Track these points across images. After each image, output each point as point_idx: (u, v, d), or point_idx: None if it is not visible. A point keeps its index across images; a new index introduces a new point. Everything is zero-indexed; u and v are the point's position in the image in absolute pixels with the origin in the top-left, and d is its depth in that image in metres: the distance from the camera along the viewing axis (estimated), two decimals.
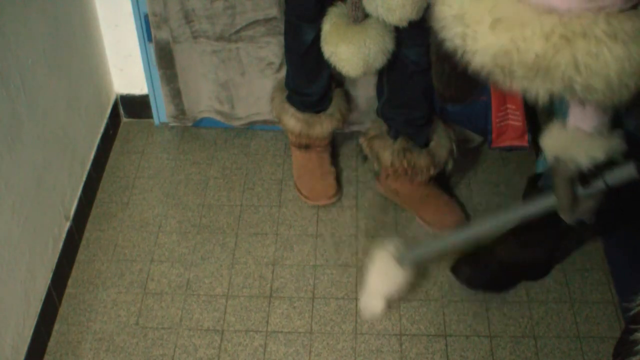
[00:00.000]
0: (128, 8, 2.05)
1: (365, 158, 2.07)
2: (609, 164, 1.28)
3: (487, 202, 2.04)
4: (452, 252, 1.74)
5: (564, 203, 1.32)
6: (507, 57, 0.90)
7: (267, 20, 1.99)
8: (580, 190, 1.30)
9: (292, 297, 1.83)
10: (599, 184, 1.29)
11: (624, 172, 1.27)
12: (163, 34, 2.05)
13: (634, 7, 0.91)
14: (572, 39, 0.87)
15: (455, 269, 1.84)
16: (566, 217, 1.35)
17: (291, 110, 2.00)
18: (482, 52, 0.92)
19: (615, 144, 1.26)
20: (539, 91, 0.92)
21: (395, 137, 1.94)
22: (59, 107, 1.86)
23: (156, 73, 2.15)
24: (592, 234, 1.78)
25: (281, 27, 1.95)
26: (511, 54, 0.90)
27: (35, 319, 1.69)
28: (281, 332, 1.76)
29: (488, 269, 1.81)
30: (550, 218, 1.66)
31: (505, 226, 1.54)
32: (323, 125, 2.01)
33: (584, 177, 1.30)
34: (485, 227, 1.47)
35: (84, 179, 2.02)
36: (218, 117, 2.24)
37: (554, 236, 1.73)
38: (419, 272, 1.87)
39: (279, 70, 2.09)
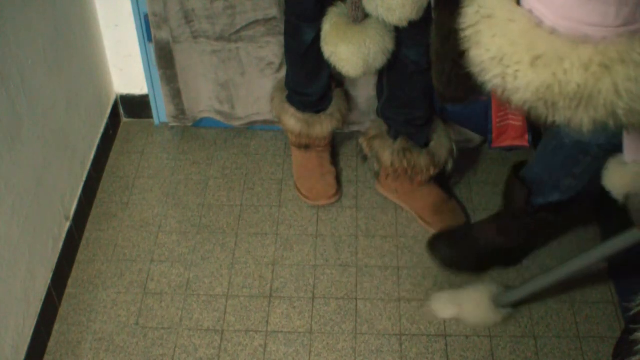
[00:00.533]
0: (128, 8, 2.05)
1: (365, 158, 2.07)
2: None
3: (487, 202, 2.04)
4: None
5: None
6: (549, 91, 0.92)
7: (267, 20, 1.99)
8: None
9: (292, 297, 1.83)
10: None
11: None
12: (163, 34, 2.05)
13: None
14: (610, 66, 0.89)
15: (431, 246, 1.89)
16: None
17: (291, 110, 2.00)
18: (524, 89, 0.94)
19: None
20: (583, 120, 0.94)
21: (395, 137, 1.94)
22: (59, 107, 1.86)
23: (156, 73, 2.15)
24: (570, 223, 1.84)
25: (281, 27, 1.95)
26: (553, 87, 0.91)
27: (35, 319, 1.69)
28: (281, 332, 1.76)
29: (464, 250, 1.85)
30: (530, 208, 1.70)
31: (595, 263, 1.59)
32: (323, 125, 2.01)
33: None
34: (576, 266, 1.55)
35: (84, 179, 2.02)
36: (218, 117, 2.24)
37: (531, 225, 1.76)
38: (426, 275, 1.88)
39: (279, 70, 2.09)
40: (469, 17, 1.00)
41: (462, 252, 1.85)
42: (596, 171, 1.45)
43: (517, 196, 1.73)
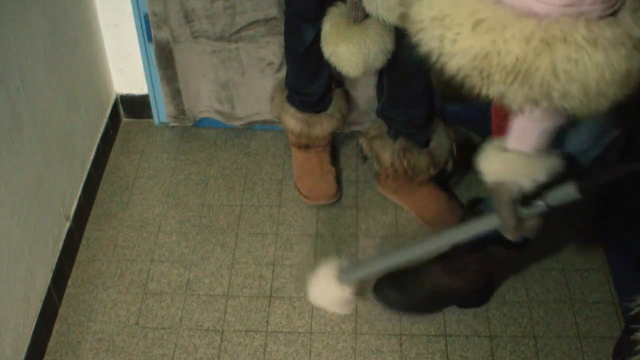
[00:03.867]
0: (128, 8, 2.05)
1: (365, 158, 2.07)
2: (550, 183, 1.27)
3: (487, 202, 2.03)
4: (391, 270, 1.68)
5: (507, 224, 1.30)
6: (487, 59, 0.89)
7: (267, 20, 1.99)
8: (523, 211, 1.29)
9: (292, 297, 1.83)
10: (540, 205, 1.28)
11: (564, 192, 1.26)
12: (163, 34, 2.05)
13: (613, 14, 0.89)
14: (552, 43, 0.86)
15: (378, 290, 1.78)
16: (510, 237, 1.33)
17: (291, 110, 2.00)
18: (461, 54, 0.91)
19: (555, 164, 1.25)
20: (517, 97, 0.91)
21: (395, 137, 1.94)
22: (59, 107, 1.86)
23: (156, 73, 2.15)
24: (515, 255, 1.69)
25: (281, 27, 1.95)
26: (491, 56, 0.89)
27: (35, 319, 1.69)
28: (281, 332, 1.76)
29: (412, 294, 1.75)
30: (470, 245, 1.57)
31: (447, 246, 1.50)
32: (323, 125, 2.01)
33: (526, 197, 1.28)
34: (426, 247, 1.43)
35: (84, 179, 2.02)
36: (218, 117, 2.24)
37: (476, 264, 1.67)
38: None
39: (279, 70, 2.09)
40: None
41: (410, 295, 1.76)
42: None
43: None
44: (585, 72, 0.87)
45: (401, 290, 1.76)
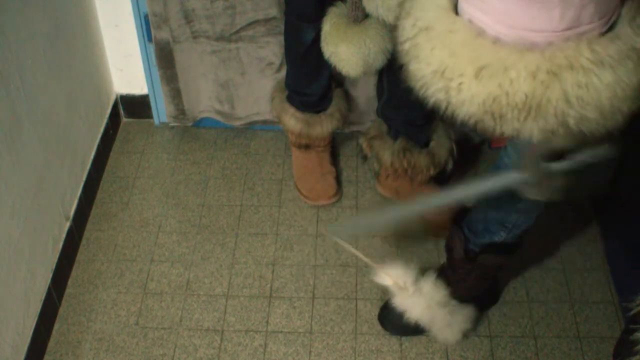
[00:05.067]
0: (128, 8, 2.05)
1: (365, 158, 2.06)
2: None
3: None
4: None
5: (534, 179, 1.22)
6: (496, 102, 0.88)
7: (267, 20, 1.99)
8: (550, 166, 1.21)
9: (292, 297, 1.83)
10: (572, 161, 1.24)
11: (598, 151, 1.22)
12: (163, 34, 2.05)
13: (611, 28, 0.88)
14: (559, 73, 0.85)
15: (383, 320, 1.76)
16: (533, 195, 1.26)
17: (291, 110, 2.00)
18: (469, 102, 0.89)
19: None
20: (533, 131, 0.90)
21: (395, 137, 1.94)
22: (59, 107, 1.86)
23: (156, 73, 2.15)
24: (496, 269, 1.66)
25: (281, 27, 1.95)
26: (500, 99, 0.87)
27: (35, 319, 1.69)
28: (281, 332, 1.76)
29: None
30: (471, 253, 1.56)
31: (464, 201, 1.43)
32: (323, 125, 2.01)
33: (556, 153, 1.26)
34: (441, 199, 1.35)
35: (84, 179, 2.02)
36: (218, 117, 2.24)
37: (472, 275, 1.63)
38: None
39: (279, 70, 2.09)
40: (406, 30, 0.96)
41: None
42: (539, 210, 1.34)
43: (455, 244, 1.61)
44: (597, 94, 0.86)
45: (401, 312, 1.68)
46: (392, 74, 1.83)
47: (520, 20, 0.87)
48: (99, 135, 2.15)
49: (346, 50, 1.65)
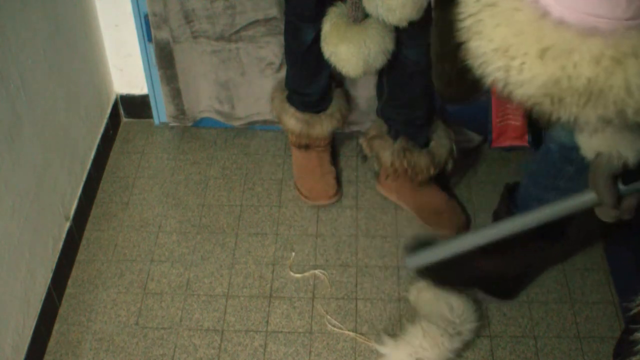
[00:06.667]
0: (128, 8, 2.05)
1: (365, 158, 2.06)
2: None
3: (487, 202, 2.03)
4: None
5: (607, 201, 1.22)
6: (557, 85, 0.87)
7: (267, 20, 1.99)
8: (623, 188, 1.20)
9: (292, 297, 1.83)
10: None
11: None
12: (163, 34, 2.05)
13: None
14: (623, 61, 0.84)
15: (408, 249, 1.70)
16: (607, 216, 1.26)
17: (291, 110, 2.00)
18: (529, 83, 0.88)
19: None
20: (590, 117, 0.89)
21: (395, 137, 1.94)
22: (59, 107, 1.86)
23: (156, 73, 2.15)
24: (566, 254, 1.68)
25: (281, 27, 1.95)
26: (561, 81, 0.86)
27: (35, 319, 1.69)
28: (281, 332, 1.76)
29: (454, 269, 1.70)
30: (525, 236, 1.51)
31: (536, 225, 1.38)
32: (323, 125, 2.01)
33: (628, 173, 1.21)
34: (510, 227, 1.34)
35: (84, 179, 2.02)
36: (218, 117, 2.24)
37: (516, 247, 1.63)
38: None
39: (279, 70, 2.09)
40: (469, 5, 0.94)
41: (452, 270, 1.70)
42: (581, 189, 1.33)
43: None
44: None
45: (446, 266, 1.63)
46: (392, 74, 1.83)
47: (584, 4, 0.86)
48: (99, 135, 2.15)
49: (346, 51, 1.65)
